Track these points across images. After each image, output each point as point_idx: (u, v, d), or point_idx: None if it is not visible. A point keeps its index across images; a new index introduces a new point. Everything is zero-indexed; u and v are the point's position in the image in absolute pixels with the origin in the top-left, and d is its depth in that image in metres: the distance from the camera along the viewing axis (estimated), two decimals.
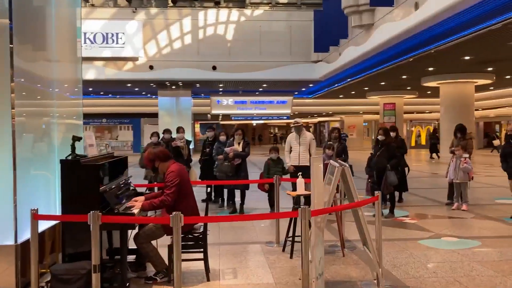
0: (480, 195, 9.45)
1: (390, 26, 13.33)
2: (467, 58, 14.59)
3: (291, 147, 7.72)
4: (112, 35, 21.52)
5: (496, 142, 9.29)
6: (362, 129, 36.87)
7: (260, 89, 25.94)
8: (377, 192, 4.14)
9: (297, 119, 7.71)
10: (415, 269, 4.61)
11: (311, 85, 24.41)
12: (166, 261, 4.25)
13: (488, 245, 5.56)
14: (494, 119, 32.16)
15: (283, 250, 5.33)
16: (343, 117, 35.75)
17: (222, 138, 8.35)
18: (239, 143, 7.87)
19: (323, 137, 40.45)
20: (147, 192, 5.18)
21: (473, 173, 8.18)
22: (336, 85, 23.06)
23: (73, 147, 4.02)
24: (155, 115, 24.87)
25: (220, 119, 34.47)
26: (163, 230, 4.22)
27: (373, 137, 38.31)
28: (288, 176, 7.54)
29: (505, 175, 7.35)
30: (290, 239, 5.20)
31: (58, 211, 4.49)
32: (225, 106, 27.36)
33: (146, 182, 8.35)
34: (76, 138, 4.04)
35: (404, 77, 19.36)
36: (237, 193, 8.11)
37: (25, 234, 3.88)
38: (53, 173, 4.52)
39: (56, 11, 4.85)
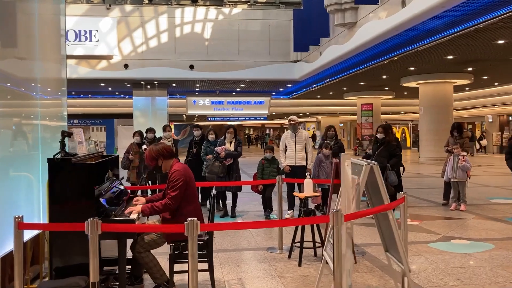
0: (473, 194, 9.28)
1: (375, 24, 13.13)
2: (450, 57, 14.56)
3: (286, 146, 7.32)
4: (85, 32, 20.68)
5: (484, 142, 9.13)
6: (338, 130, 36.93)
7: (238, 90, 25.54)
8: (402, 192, 3.77)
9: (293, 117, 7.32)
10: (436, 276, 4.27)
11: (289, 85, 24.16)
12: (167, 273, 3.78)
13: (503, 247, 5.30)
14: (467, 119, 32.61)
15: (289, 257, 4.92)
16: (319, 117, 35.70)
17: (211, 137, 7.89)
18: (230, 142, 7.43)
19: None
20: (137, 195, 4.69)
21: (470, 171, 7.97)
22: (315, 85, 22.90)
23: (62, 144, 3.51)
24: (129, 116, 24.14)
25: (195, 120, 33.87)
26: (165, 237, 3.75)
27: (349, 138, 38.45)
28: (283, 176, 7.12)
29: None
30: (297, 244, 4.79)
31: (42, 218, 3.95)
32: (201, 106, 26.84)
33: (128, 184, 7.81)
34: (66, 134, 3.53)
35: (384, 77, 19.32)
36: (228, 195, 7.67)
37: (6, 246, 3.35)
38: (36, 175, 3.98)
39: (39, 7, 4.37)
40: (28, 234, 3.66)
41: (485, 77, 19.67)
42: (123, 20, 21.06)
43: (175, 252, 3.70)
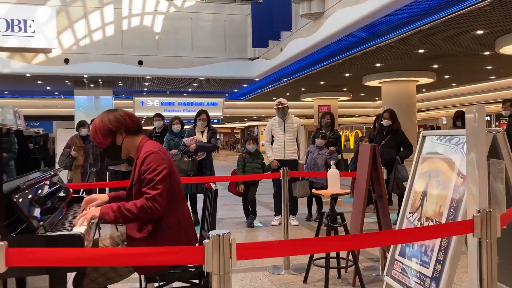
0: None
1: (346, 13, 12.11)
2: (421, 51, 13.86)
3: (273, 137, 5.97)
4: (19, 21, 18.45)
5: None
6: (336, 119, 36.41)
7: (190, 90, 24.02)
8: None
9: (282, 99, 6.01)
10: None
11: (245, 85, 22.96)
12: None
13: None
14: (420, 122, 32.75)
15: (305, 281, 3.55)
16: None
17: (176, 127, 6.41)
18: (202, 132, 5.99)
19: None
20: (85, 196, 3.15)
21: None
22: (272, 85, 21.83)
23: None
24: (70, 118, 21.98)
25: (142, 122, 31.91)
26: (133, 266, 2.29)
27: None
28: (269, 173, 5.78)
29: None
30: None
31: None
32: (150, 107, 25.09)
33: None
34: None
35: (347, 75, 18.53)
36: (200, 198, 6.19)
37: None
38: None
39: None
40: None
41: (446, 76, 19.39)
42: (63, 10, 19.01)
43: None
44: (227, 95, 25.91)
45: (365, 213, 3.47)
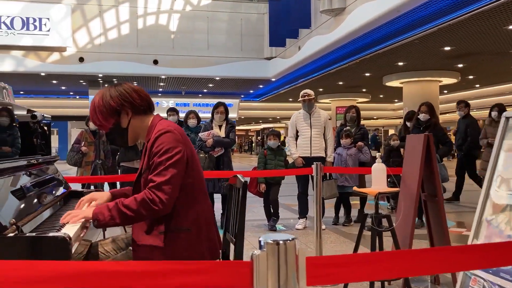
0: None
1: (369, 8, 11.57)
2: (447, 48, 13.23)
3: (297, 131, 5.46)
4: (34, 20, 18.29)
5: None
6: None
7: (205, 91, 23.66)
8: None
9: (308, 90, 5.50)
10: None
11: (261, 86, 22.53)
12: None
13: None
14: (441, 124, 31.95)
15: None
16: (289, 122, 34.23)
17: (192, 122, 5.97)
18: (220, 126, 5.51)
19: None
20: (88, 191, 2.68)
21: None
22: (288, 85, 21.35)
23: None
24: (84, 118, 21.76)
25: None
26: None
27: None
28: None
29: None
30: None
31: None
32: (164, 108, 24.60)
33: (79, 186, 5.73)
34: None
35: (367, 74, 17.95)
36: (217, 199, 5.72)
37: None
38: None
39: None
40: None
41: (471, 77, 18.71)
42: (78, 8, 18.81)
43: None
44: (242, 96, 25.51)
45: (416, 216, 2.95)
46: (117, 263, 1.02)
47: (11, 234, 1.41)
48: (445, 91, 22.61)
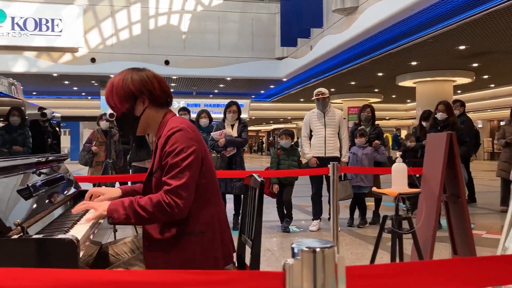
0: None
1: (382, 6, 11.41)
2: (462, 47, 13.01)
3: (311, 131, 5.35)
4: (47, 21, 18.42)
5: None
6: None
7: (216, 91, 23.62)
8: None
9: (322, 89, 5.39)
10: None
11: (272, 86, 22.43)
12: None
13: None
14: None
15: None
16: (300, 123, 34.07)
17: (204, 121, 5.88)
18: (232, 126, 5.42)
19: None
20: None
21: None
22: (300, 85, 21.23)
23: None
24: (96, 119, 21.84)
25: None
26: None
27: None
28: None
29: None
30: None
31: None
32: (175, 109, 24.23)
33: (90, 186, 5.67)
34: None
35: (380, 74, 17.75)
36: (229, 199, 5.63)
37: None
38: None
39: None
40: None
41: (485, 76, 18.41)
42: (90, 9, 18.89)
43: None
44: (253, 96, 25.43)
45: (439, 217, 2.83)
46: (129, 272, 0.92)
47: (15, 236, 1.33)
48: (459, 91, 22.31)
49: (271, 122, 36.66)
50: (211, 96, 24.69)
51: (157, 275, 0.83)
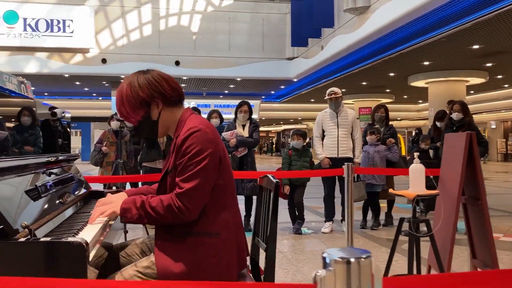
0: None
1: (395, 5, 11.28)
2: (475, 47, 12.83)
3: (323, 131, 5.27)
4: (58, 22, 18.54)
5: None
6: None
7: (226, 92, 23.60)
8: None
9: (335, 88, 5.32)
10: None
11: (282, 86, 22.35)
12: None
13: None
14: None
15: None
16: (310, 123, 33.95)
17: (215, 122, 5.83)
18: (243, 126, 5.36)
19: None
20: (109, 191, 2.54)
21: None
22: (310, 86, 21.12)
23: None
24: (107, 119, 21.94)
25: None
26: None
27: None
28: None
29: None
30: None
31: None
32: None
33: (101, 186, 5.66)
34: None
35: (391, 74, 17.59)
36: (240, 201, 5.57)
37: None
38: None
39: None
40: None
41: (499, 76, 18.14)
42: (101, 10, 18.97)
43: None
44: (263, 97, 25.36)
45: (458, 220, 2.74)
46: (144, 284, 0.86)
47: (22, 239, 1.28)
48: (472, 92, 22.06)
49: (281, 122, 36.56)
50: (221, 96, 24.68)
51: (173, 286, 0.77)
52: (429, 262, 3.01)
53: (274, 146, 44.14)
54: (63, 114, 2.52)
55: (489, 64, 15.55)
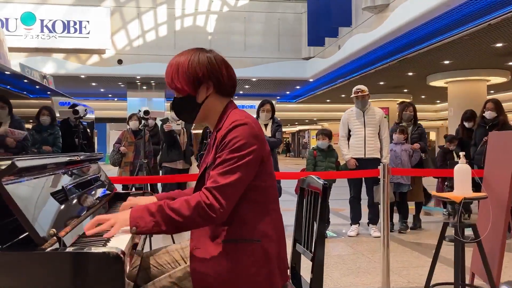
0: None
1: (415, 3, 11.02)
2: (498, 45, 12.49)
3: (349, 130, 5.09)
4: (75, 23, 18.64)
5: None
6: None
7: (241, 92, 23.49)
8: None
9: (361, 86, 5.13)
10: None
11: (297, 87, 22.16)
12: None
13: None
14: None
15: None
16: (326, 124, 33.68)
17: None
18: (266, 125, 5.20)
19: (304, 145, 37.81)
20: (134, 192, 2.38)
21: None
22: (326, 86, 20.89)
23: None
24: (123, 120, 22.01)
25: (192, 127, 31.70)
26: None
27: None
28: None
29: None
30: None
31: None
32: None
33: (119, 187, 5.54)
34: None
35: (410, 74, 17.28)
36: None
37: None
38: None
39: None
40: None
41: None
42: (117, 11, 19.02)
43: None
44: (278, 98, 25.20)
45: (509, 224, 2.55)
46: None
47: (51, 249, 1.13)
48: (492, 91, 21.61)
49: (296, 123, 36.34)
50: (236, 97, 24.52)
51: None
52: (473, 269, 2.81)
53: (290, 146, 43.87)
54: (85, 111, 2.39)
55: (511, 63, 15.18)
